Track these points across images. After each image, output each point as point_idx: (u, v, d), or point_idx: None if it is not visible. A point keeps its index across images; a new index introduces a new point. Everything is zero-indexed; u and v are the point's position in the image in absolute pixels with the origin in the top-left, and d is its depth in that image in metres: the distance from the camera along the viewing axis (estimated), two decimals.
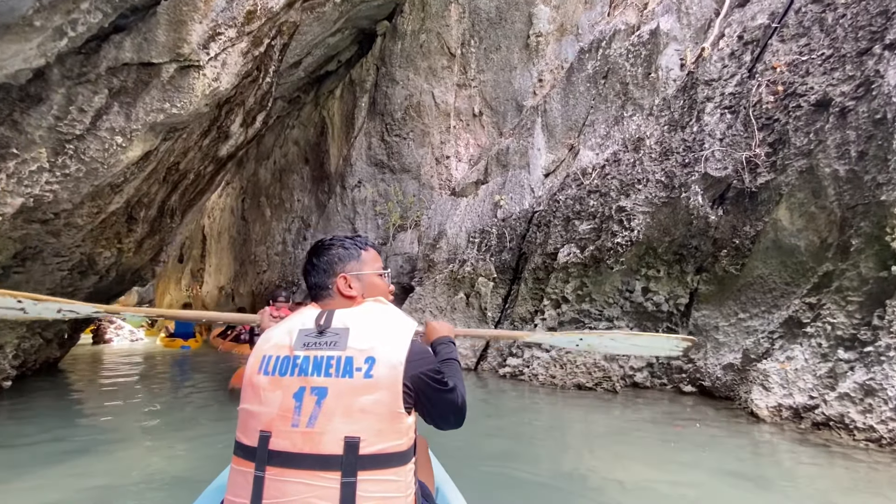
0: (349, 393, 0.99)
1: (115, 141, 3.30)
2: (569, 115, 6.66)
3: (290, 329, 1.11)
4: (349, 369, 1.00)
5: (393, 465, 0.99)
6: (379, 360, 1.00)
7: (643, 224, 4.48)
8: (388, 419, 0.99)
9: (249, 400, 1.08)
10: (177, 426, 3.79)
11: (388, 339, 1.05)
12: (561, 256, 5.10)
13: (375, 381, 0.99)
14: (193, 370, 7.30)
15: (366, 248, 1.29)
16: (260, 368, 1.08)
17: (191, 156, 5.38)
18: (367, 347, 1.02)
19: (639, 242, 4.49)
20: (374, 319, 1.10)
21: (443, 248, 7.29)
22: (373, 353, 1.01)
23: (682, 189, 4.23)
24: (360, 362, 1.00)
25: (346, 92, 11.49)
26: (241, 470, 1.02)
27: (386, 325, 1.09)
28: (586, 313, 5.08)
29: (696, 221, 4.14)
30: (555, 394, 4.86)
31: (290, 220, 12.35)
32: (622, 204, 4.63)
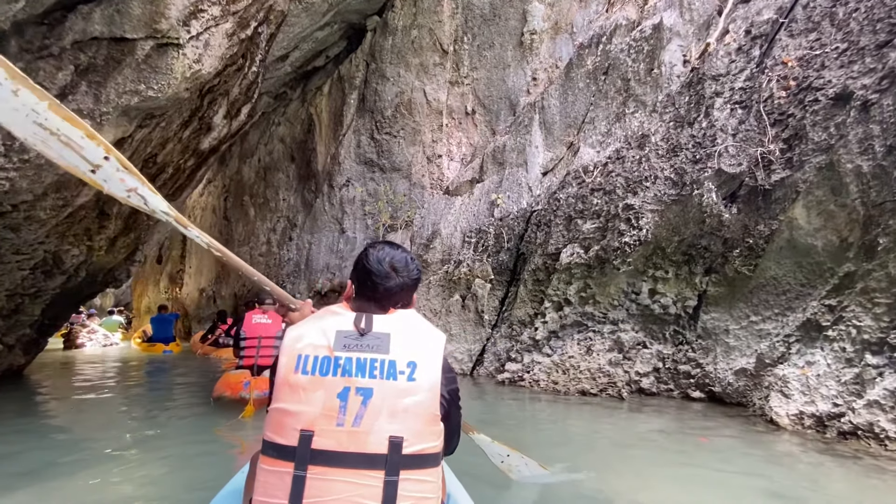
0: (394, 394, 1.03)
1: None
2: (568, 112, 6.47)
3: (324, 329, 1.11)
4: (393, 372, 1.04)
5: (429, 466, 1.04)
6: (420, 366, 1.06)
7: (652, 223, 4.29)
8: (427, 421, 1.04)
9: (286, 399, 1.06)
10: (152, 444, 3.44)
11: (427, 347, 1.10)
12: (563, 257, 4.89)
13: (418, 384, 1.04)
14: (171, 377, 6.87)
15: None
16: (297, 368, 1.06)
17: (169, 147, 5.02)
18: (408, 352, 1.07)
19: (647, 242, 4.30)
20: (411, 328, 1.14)
21: (437, 248, 7.03)
22: (414, 359, 1.06)
23: (694, 186, 4.04)
24: (403, 366, 1.05)
25: (334, 88, 11.16)
26: (276, 470, 1.01)
27: (422, 334, 1.14)
28: (590, 316, 4.87)
29: (708, 220, 3.97)
30: (557, 401, 4.63)
31: (275, 220, 11.94)
32: (630, 202, 4.43)
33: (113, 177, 1.29)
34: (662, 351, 4.62)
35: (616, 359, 4.68)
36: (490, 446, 2.11)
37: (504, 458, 2.17)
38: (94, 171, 1.27)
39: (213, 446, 3.23)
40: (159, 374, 7.16)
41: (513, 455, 2.16)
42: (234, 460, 2.98)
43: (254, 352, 4.70)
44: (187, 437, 3.48)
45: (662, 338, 4.66)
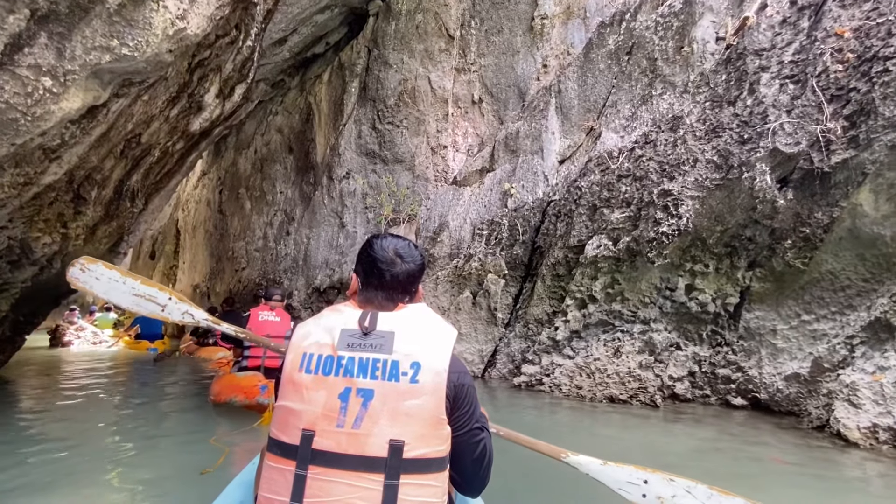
0: (395, 396, 0.99)
1: (43, 84, 2.49)
2: (587, 95, 6.03)
3: (329, 327, 1.08)
4: (395, 373, 1.00)
5: (433, 471, 1.00)
6: (424, 366, 1.00)
7: (692, 210, 3.85)
8: (431, 424, 1.00)
9: (290, 397, 1.04)
10: (137, 456, 2.98)
11: (432, 345, 1.04)
12: (589, 249, 4.45)
13: (421, 386, 0.99)
14: (158, 377, 6.40)
15: None
16: (301, 366, 1.05)
17: (155, 127, 4.54)
18: (412, 352, 1.02)
19: (685, 232, 3.86)
20: (417, 324, 1.08)
21: (444, 241, 6.58)
22: (418, 359, 1.01)
23: (744, 168, 3.61)
24: (406, 367, 1.00)
25: (334, 76, 10.69)
26: (280, 468, 1.01)
27: (429, 331, 1.07)
28: (617, 314, 4.43)
29: (760, 206, 3.53)
30: (582, 408, 4.20)
31: (272, 214, 11.47)
32: (667, 187, 3.99)
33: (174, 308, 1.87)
34: (699, 353, 4.19)
35: (647, 361, 4.24)
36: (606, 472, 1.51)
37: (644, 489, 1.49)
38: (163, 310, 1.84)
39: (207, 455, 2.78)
40: (143, 374, 6.68)
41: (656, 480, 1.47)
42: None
43: (260, 352, 4.26)
44: (176, 444, 3.03)
45: (699, 339, 4.23)
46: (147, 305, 1.85)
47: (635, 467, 1.48)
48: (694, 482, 1.42)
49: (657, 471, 1.46)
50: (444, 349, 1.04)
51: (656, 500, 1.44)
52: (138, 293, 1.86)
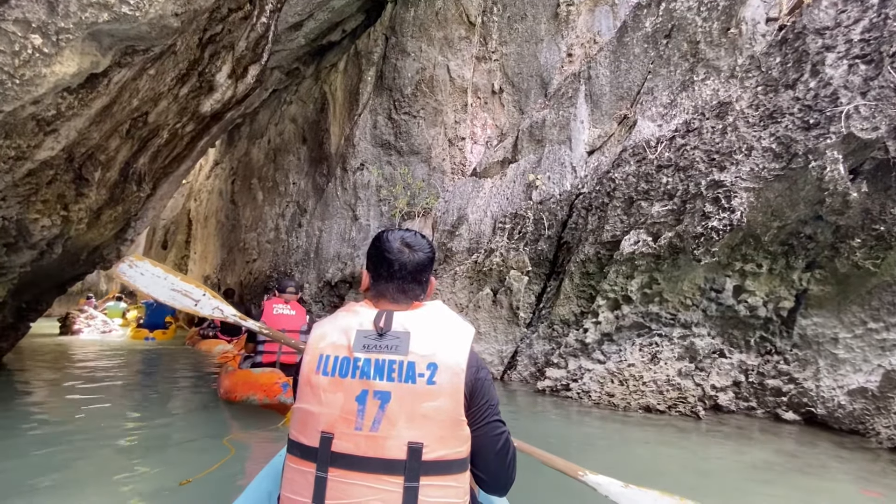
0: (412, 399, 0.97)
1: (32, 42, 2.22)
2: (620, 81, 5.65)
3: (345, 328, 1.06)
4: (412, 375, 0.98)
5: (453, 472, 0.98)
6: (441, 367, 0.98)
7: (746, 204, 3.47)
8: (450, 426, 0.98)
9: (308, 399, 1.04)
10: (146, 458, 2.72)
11: (449, 344, 1.01)
12: (626, 245, 4.09)
13: (438, 387, 0.97)
14: (163, 369, 6.19)
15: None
16: (318, 368, 1.04)
17: (163, 106, 4.28)
18: (428, 353, 0.99)
19: (737, 227, 3.48)
20: (433, 324, 1.05)
21: (463, 235, 6.25)
22: (434, 360, 0.99)
23: (811, 157, 3.22)
24: (423, 368, 0.98)
25: (350, 64, 10.39)
26: (301, 469, 1.01)
27: (446, 330, 1.04)
28: (654, 317, 4.07)
29: (829, 200, 3.14)
30: (614, 417, 3.85)
31: (285, 205, 11.25)
32: (718, 178, 3.61)
33: (206, 304, 2.06)
34: (745, 361, 3.81)
35: (687, 369, 3.88)
36: (627, 495, 1.35)
37: None
38: (196, 304, 2.04)
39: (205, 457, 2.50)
40: (149, 366, 6.47)
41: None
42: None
43: (276, 347, 3.99)
44: (176, 445, 2.76)
45: (745, 345, 3.85)
46: (182, 300, 1.97)
47: (661, 493, 1.33)
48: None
49: (685, 499, 1.30)
50: (461, 349, 1.01)
51: None
52: (176, 289, 1.99)
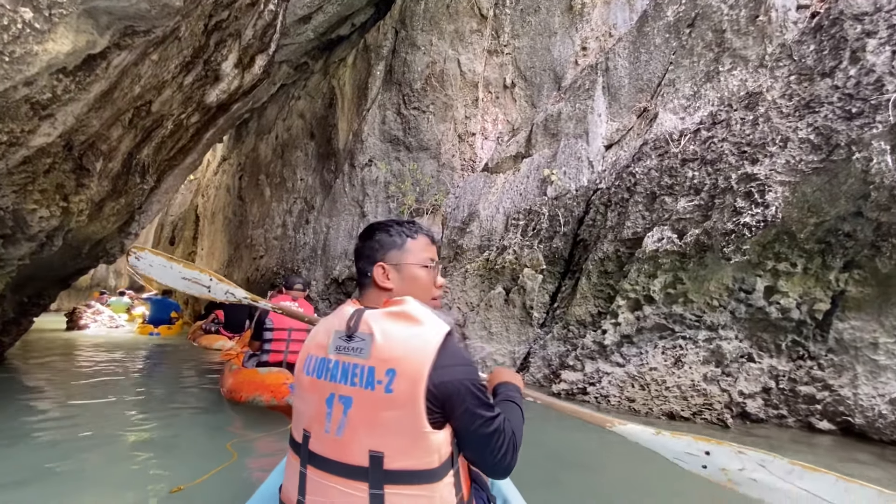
0: (371, 406, 0.93)
1: (22, 16, 2.07)
2: (639, 73, 5.43)
3: (328, 328, 1.07)
4: (371, 381, 0.93)
5: (422, 482, 0.92)
6: (399, 374, 0.92)
7: (781, 198, 3.25)
8: (411, 436, 0.91)
9: (297, 396, 1.08)
10: (149, 459, 2.57)
11: (412, 349, 0.93)
12: (649, 243, 3.88)
13: (395, 396, 0.91)
14: (168, 366, 6.07)
15: (414, 235, 1.15)
16: (304, 367, 1.06)
17: (167, 95, 4.14)
18: (388, 357, 0.94)
19: (771, 224, 3.26)
20: (398, 325, 0.97)
21: (474, 232, 6.07)
22: (394, 365, 0.93)
23: (854, 148, 2.99)
24: (382, 374, 0.93)
25: (359, 59, 10.24)
26: (292, 462, 1.04)
27: (410, 333, 0.96)
28: (678, 318, 3.86)
29: (875, 194, 2.92)
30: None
31: (292, 202, 11.13)
32: (750, 171, 3.39)
33: (217, 288, 2.01)
34: (776, 366, 3.59)
35: (713, 374, 3.67)
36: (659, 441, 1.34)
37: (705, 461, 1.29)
38: (208, 290, 2.02)
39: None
40: (153, 362, 6.36)
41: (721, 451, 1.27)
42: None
43: (283, 346, 3.84)
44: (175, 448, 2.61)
45: (775, 350, 3.63)
46: (195, 287, 1.98)
47: (694, 437, 1.31)
48: (771, 455, 1.21)
49: (723, 442, 1.28)
50: (423, 354, 0.92)
51: (720, 473, 1.26)
52: (185, 277, 1.98)
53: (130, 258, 2.06)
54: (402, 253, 1.11)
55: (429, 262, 1.13)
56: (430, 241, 1.17)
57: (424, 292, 1.10)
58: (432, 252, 1.16)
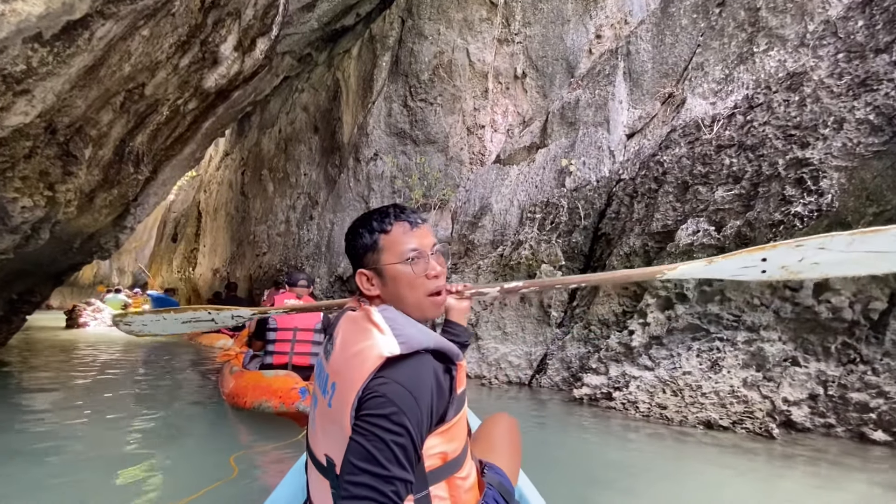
0: (321, 414, 0.93)
1: None
2: (664, 57, 5.10)
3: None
4: (325, 388, 0.92)
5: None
6: (338, 390, 0.87)
7: (836, 186, 2.93)
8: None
9: None
10: (143, 476, 2.30)
11: (350, 367, 0.86)
12: (682, 236, 3.56)
13: (334, 411, 0.87)
14: (168, 367, 5.81)
15: (387, 228, 0.99)
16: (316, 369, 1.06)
17: (161, 77, 3.86)
18: (335, 370, 0.90)
19: (826, 213, 2.94)
20: (355, 335, 0.91)
21: (486, 227, 5.77)
22: (336, 379, 0.89)
23: None
24: (329, 385, 0.91)
25: (364, 50, 9.94)
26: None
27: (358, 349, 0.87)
28: (714, 318, 3.55)
29: None
30: (667, 434, 3.34)
31: (296, 197, 10.87)
32: (800, 156, 3.07)
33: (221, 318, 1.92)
34: (824, 371, 3.28)
35: (754, 379, 3.36)
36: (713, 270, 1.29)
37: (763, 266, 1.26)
38: (214, 322, 1.93)
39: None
40: (153, 362, 6.10)
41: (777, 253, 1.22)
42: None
43: (287, 347, 3.56)
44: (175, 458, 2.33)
45: (823, 353, 3.31)
46: (200, 325, 1.94)
47: (748, 251, 1.25)
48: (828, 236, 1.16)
49: (777, 244, 1.22)
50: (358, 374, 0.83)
51: (780, 270, 1.25)
52: (185, 320, 1.93)
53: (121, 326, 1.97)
54: (377, 253, 0.99)
55: (410, 253, 0.98)
56: (410, 225, 1.00)
57: (414, 290, 0.97)
58: (415, 240, 0.99)
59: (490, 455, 1.19)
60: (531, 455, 2.07)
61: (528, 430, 3.41)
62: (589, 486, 2.46)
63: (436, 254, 1.02)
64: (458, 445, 0.92)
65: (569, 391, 4.38)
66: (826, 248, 1.16)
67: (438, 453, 0.88)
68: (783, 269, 1.23)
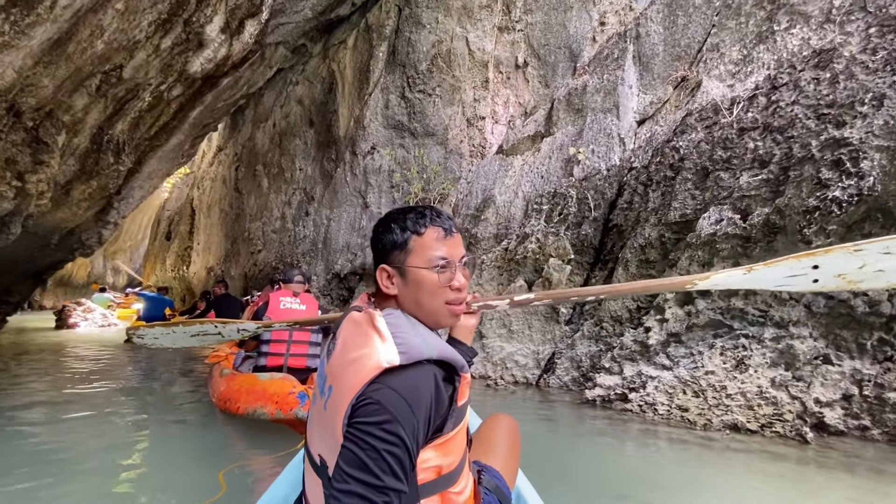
0: (318, 414, 0.92)
1: None
2: (676, 39, 4.84)
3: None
4: (323, 389, 0.92)
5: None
6: (333, 393, 0.86)
7: (878, 167, 2.68)
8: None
9: None
10: (97, 494, 2.04)
11: (348, 373, 0.84)
12: (704, 225, 3.31)
13: (329, 414, 0.86)
14: (153, 369, 5.54)
15: (421, 230, 0.96)
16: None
17: (141, 58, 3.58)
18: (333, 372, 0.89)
19: (866, 197, 2.69)
20: (357, 339, 0.89)
21: (489, 220, 5.51)
22: (333, 383, 0.87)
23: None
24: (326, 387, 0.90)
25: (360, 40, 9.66)
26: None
27: (358, 354, 0.85)
28: (738, 313, 3.31)
29: None
30: (689, 438, 3.10)
31: (291, 193, 10.60)
32: (837, 135, 2.82)
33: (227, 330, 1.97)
34: (859, 370, 3.04)
35: (782, 378, 3.12)
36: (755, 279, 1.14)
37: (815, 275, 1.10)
38: (221, 335, 1.98)
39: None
40: (141, 367, 5.83)
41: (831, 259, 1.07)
42: None
43: (283, 348, 3.30)
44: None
45: (858, 350, 3.08)
46: (207, 338, 1.96)
47: (795, 257, 1.08)
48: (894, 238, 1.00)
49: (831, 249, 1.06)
50: (354, 381, 0.81)
51: (836, 280, 1.08)
52: (193, 334, 1.96)
53: (135, 339, 2.10)
54: (404, 254, 0.96)
55: (439, 261, 0.94)
56: (444, 233, 0.97)
57: (434, 298, 0.95)
58: (445, 248, 0.96)
59: (488, 457, 1.20)
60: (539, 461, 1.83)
61: (537, 435, 3.16)
62: (605, 496, 2.22)
63: (462, 266, 0.98)
64: (454, 459, 0.89)
65: (579, 392, 4.14)
66: (892, 252, 1.01)
67: (433, 467, 0.86)
68: (840, 277, 1.08)
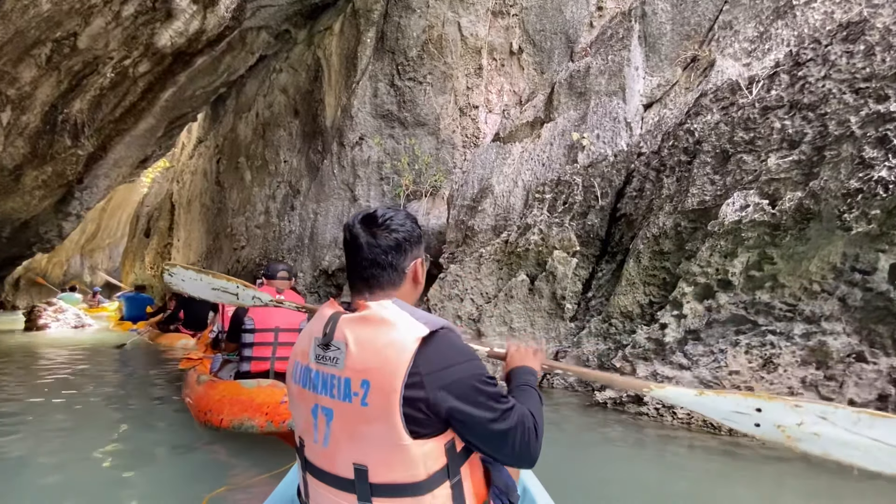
0: (350, 419, 0.89)
1: None
2: (685, 17, 4.56)
3: (310, 333, 0.99)
4: (348, 393, 0.89)
5: (409, 495, 0.88)
6: (373, 386, 0.86)
7: None
8: (391, 450, 0.87)
9: (290, 402, 1.04)
10: None
11: (384, 359, 0.86)
12: (728, 212, 3.03)
13: (371, 409, 0.86)
14: (134, 377, 5.12)
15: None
16: (292, 374, 1.02)
17: (99, 26, 3.16)
18: (362, 368, 0.88)
19: None
20: (373, 331, 0.90)
21: (487, 211, 5.19)
22: (367, 376, 0.87)
23: None
24: (357, 386, 0.88)
25: (347, 26, 9.24)
26: (298, 466, 1.02)
27: (385, 341, 0.88)
28: (764, 308, 3.04)
29: None
30: (713, 446, 2.83)
31: (275, 186, 10.15)
32: (883, 109, 2.55)
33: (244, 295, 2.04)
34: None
35: (814, 378, 2.86)
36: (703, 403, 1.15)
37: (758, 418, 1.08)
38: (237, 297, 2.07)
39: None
40: (117, 374, 5.39)
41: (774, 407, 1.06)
42: None
43: (268, 351, 2.95)
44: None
45: (894, 347, 2.82)
46: (224, 296, 2.00)
47: (743, 395, 1.14)
48: (831, 406, 1.03)
49: (774, 396, 1.11)
50: (397, 364, 0.84)
51: (775, 430, 1.09)
52: (215, 287, 2.00)
53: (165, 275, 2.11)
54: (418, 249, 1.04)
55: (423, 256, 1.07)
56: None
57: (418, 290, 1.06)
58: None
59: None
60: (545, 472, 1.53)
61: (548, 448, 2.87)
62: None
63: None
64: None
65: (586, 393, 3.86)
66: (827, 419, 1.01)
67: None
68: (779, 429, 1.07)
